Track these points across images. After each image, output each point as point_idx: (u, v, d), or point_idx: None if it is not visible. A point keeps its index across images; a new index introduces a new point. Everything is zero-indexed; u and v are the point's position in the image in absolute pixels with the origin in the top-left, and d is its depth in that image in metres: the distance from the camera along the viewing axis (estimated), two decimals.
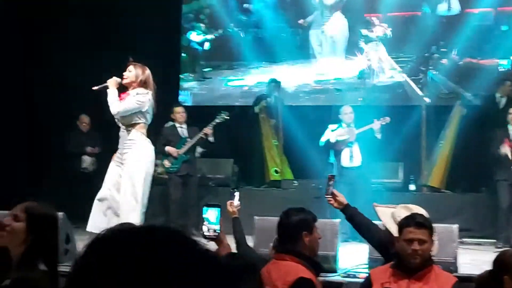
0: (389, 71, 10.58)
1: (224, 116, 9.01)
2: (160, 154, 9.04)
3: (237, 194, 4.52)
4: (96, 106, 6.44)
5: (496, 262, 3.20)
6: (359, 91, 10.63)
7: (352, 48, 10.75)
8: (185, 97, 11.27)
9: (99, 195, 5.98)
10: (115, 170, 5.99)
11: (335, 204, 4.19)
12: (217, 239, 3.61)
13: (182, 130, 9.07)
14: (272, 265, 3.42)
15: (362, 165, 8.48)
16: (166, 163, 8.90)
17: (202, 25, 11.41)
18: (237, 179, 10.03)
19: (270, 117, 10.08)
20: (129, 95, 5.97)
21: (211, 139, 8.92)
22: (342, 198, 4.21)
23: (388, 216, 3.83)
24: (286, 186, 9.53)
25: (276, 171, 9.87)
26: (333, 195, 4.19)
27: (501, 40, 10.08)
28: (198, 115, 9.45)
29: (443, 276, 3.48)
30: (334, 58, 10.85)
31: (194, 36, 11.40)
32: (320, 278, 3.53)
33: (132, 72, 5.98)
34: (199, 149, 9.23)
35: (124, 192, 5.86)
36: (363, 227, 3.98)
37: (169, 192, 8.92)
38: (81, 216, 6.43)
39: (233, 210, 4.40)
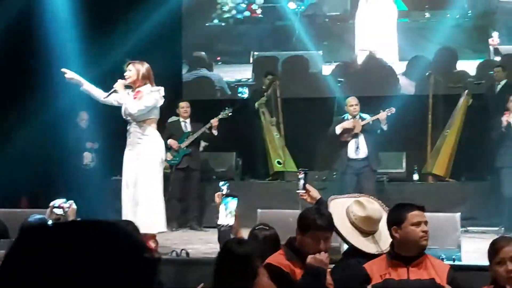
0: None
1: (227, 112, 9.05)
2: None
3: (225, 186, 4.30)
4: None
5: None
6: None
7: None
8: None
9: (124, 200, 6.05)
10: (130, 168, 6.05)
11: (308, 199, 4.18)
12: (231, 228, 3.66)
13: (186, 124, 9.07)
14: None
15: (368, 156, 8.40)
16: (168, 155, 8.90)
17: None
18: (240, 172, 10.02)
19: (270, 112, 10.03)
20: (142, 93, 6.03)
21: (215, 132, 8.92)
22: (315, 192, 4.21)
23: (341, 211, 3.82)
24: (289, 178, 9.50)
25: (279, 162, 9.84)
26: (306, 190, 4.17)
27: None
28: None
29: (438, 263, 3.52)
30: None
31: None
32: None
33: (133, 71, 6.09)
34: (203, 143, 9.22)
35: (142, 186, 5.96)
36: None
37: (168, 187, 8.88)
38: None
39: (220, 201, 4.38)
